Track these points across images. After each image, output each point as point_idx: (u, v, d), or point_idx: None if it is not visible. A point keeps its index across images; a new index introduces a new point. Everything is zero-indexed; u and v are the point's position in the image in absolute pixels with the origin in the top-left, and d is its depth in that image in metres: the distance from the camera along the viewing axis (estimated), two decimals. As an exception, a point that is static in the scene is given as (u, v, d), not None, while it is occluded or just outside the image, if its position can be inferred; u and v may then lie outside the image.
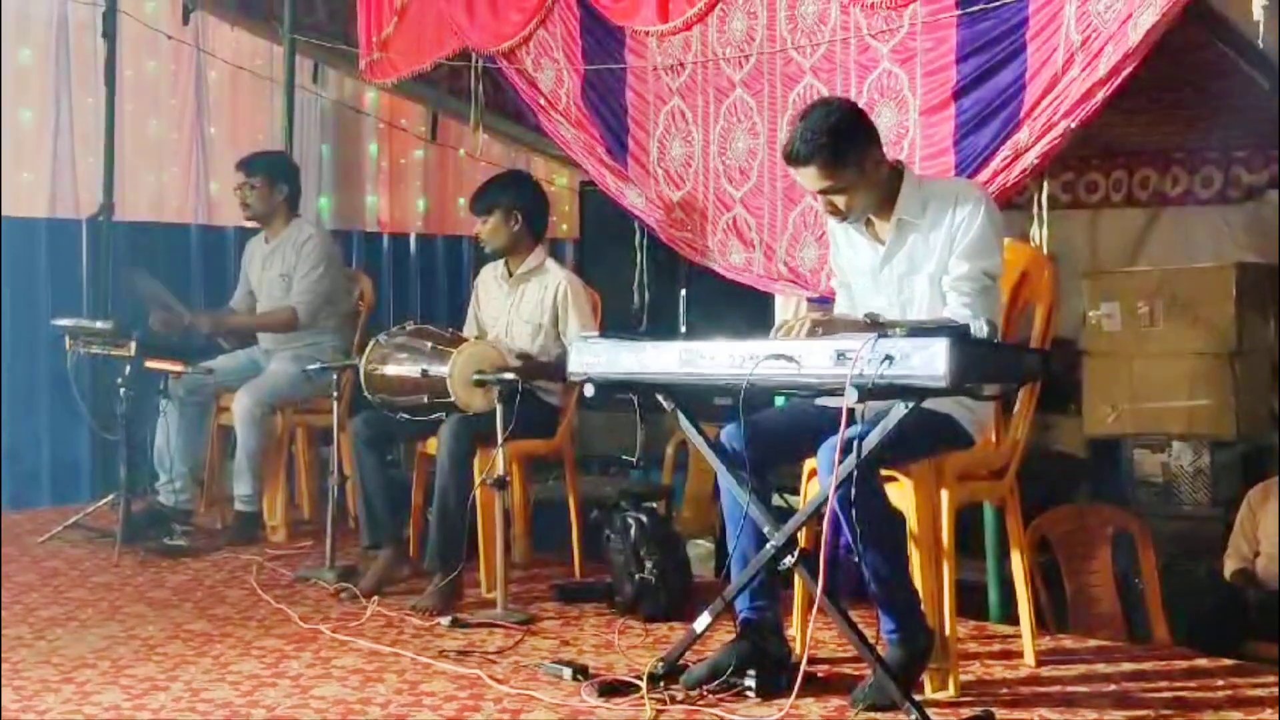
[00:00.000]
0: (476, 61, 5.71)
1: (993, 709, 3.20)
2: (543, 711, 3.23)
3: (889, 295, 3.51)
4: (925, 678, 3.29)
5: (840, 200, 3.38)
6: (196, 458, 5.53)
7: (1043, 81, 3.85)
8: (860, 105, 3.65)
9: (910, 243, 3.45)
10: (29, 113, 6.53)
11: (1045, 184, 4.47)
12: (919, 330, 2.93)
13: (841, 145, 3.32)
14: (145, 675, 3.53)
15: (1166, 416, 6.41)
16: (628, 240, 7.57)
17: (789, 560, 3.25)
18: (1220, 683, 3.47)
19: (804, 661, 3.13)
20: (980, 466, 3.56)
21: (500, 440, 4.16)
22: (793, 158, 3.34)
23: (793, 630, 3.64)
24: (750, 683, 3.27)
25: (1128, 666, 3.64)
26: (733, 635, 3.44)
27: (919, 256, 3.44)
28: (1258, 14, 3.37)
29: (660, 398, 3.48)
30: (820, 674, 3.44)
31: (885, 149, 3.49)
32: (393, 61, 6.02)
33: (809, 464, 3.47)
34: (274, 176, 5.59)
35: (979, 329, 3.24)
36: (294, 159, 6.17)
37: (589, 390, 3.49)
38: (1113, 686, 3.45)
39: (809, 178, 3.35)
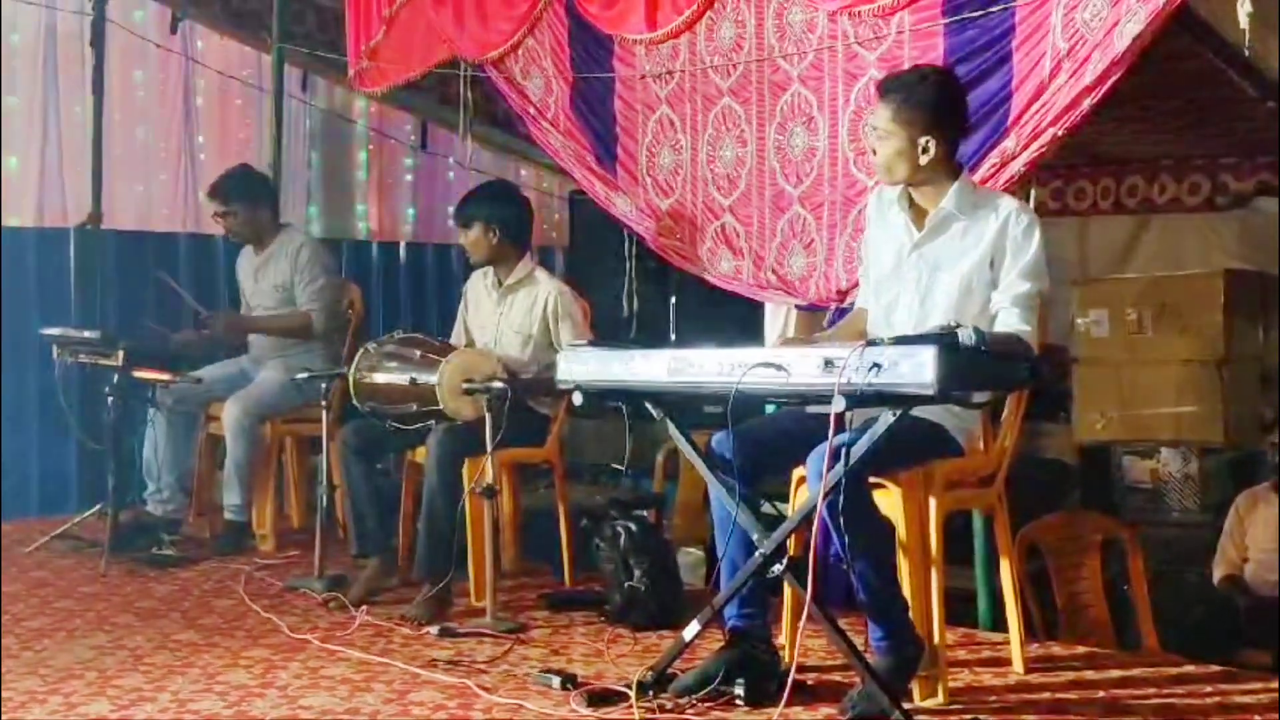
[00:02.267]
0: (465, 70, 5.70)
1: (982, 716, 3.20)
2: (532, 721, 3.23)
3: (907, 283, 3.50)
4: (914, 685, 3.28)
5: (877, 145, 3.44)
6: (185, 467, 5.51)
7: (1029, 89, 3.86)
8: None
9: (948, 235, 3.45)
10: (17, 121, 6.51)
11: (1033, 191, 4.49)
12: (907, 338, 2.93)
13: (912, 103, 3.39)
14: (132, 686, 3.52)
15: (1155, 423, 6.42)
16: (617, 248, 7.58)
17: (778, 568, 3.25)
18: (1209, 689, 3.47)
19: (793, 669, 3.12)
20: (969, 474, 3.55)
21: (490, 449, 4.15)
22: (879, 86, 3.50)
23: (782, 638, 3.63)
24: (739, 691, 3.27)
25: (1117, 673, 3.64)
26: (722, 643, 3.44)
27: (952, 253, 3.44)
28: (1244, 23, 3.38)
29: (649, 406, 3.48)
30: (809, 682, 3.43)
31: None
32: (381, 70, 6.02)
33: (798, 472, 3.47)
34: (252, 198, 5.55)
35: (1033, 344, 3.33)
36: (278, 168, 6.17)
37: (578, 399, 3.49)
38: (1102, 694, 3.45)
39: (877, 110, 3.47)
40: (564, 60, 5.27)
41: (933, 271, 3.47)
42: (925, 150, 3.40)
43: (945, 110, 3.45)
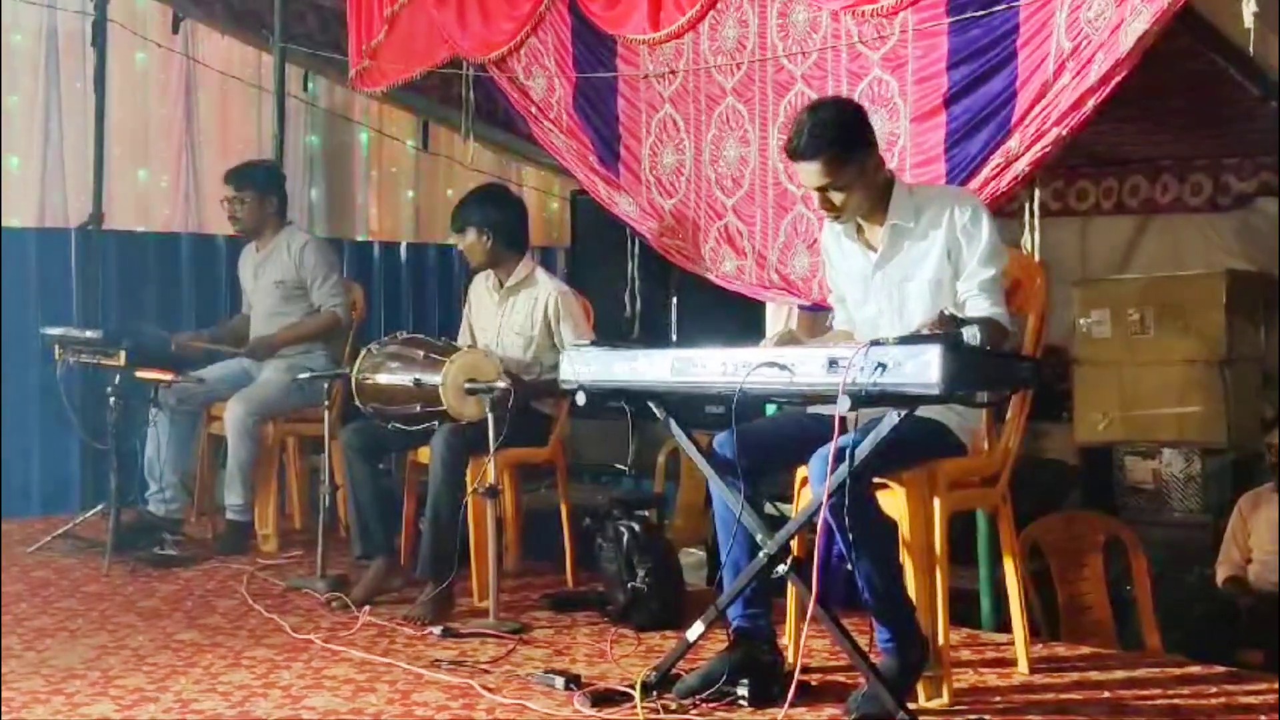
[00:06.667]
0: (467, 70, 5.70)
1: (986, 717, 3.20)
2: (535, 721, 3.23)
3: (880, 302, 3.51)
4: (919, 686, 3.28)
5: (837, 198, 3.39)
6: (187, 467, 5.51)
7: (1033, 89, 3.86)
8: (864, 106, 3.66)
9: (905, 249, 3.46)
10: (18, 121, 6.51)
11: (1036, 191, 4.48)
12: (911, 337, 2.93)
13: (846, 143, 3.35)
14: (135, 686, 3.52)
15: (1157, 424, 6.41)
16: (619, 248, 7.57)
17: (782, 569, 3.24)
18: (1214, 690, 3.47)
19: (797, 670, 3.12)
20: (972, 474, 3.55)
21: (492, 449, 4.15)
22: (797, 152, 3.35)
23: (785, 639, 3.63)
24: (743, 692, 3.27)
25: (1121, 674, 3.63)
26: (726, 644, 3.44)
27: (913, 262, 3.45)
28: (1249, 22, 3.37)
29: (652, 406, 3.48)
30: (813, 683, 3.43)
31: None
32: (382, 70, 6.01)
33: (801, 472, 3.46)
34: (263, 188, 5.58)
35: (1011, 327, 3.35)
36: (282, 168, 6.15)
37: (581, 399, 3.49)
38: (1107, 694, 3.44)
39: (810, 173, 3.36)
40: (567, 60, 5.27)
41: (900, 284, 3.48)
42: (876, 170, 3.42)
43: (867, 126, 3.46)
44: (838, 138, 3.33)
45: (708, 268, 4.92)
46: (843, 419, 2.94)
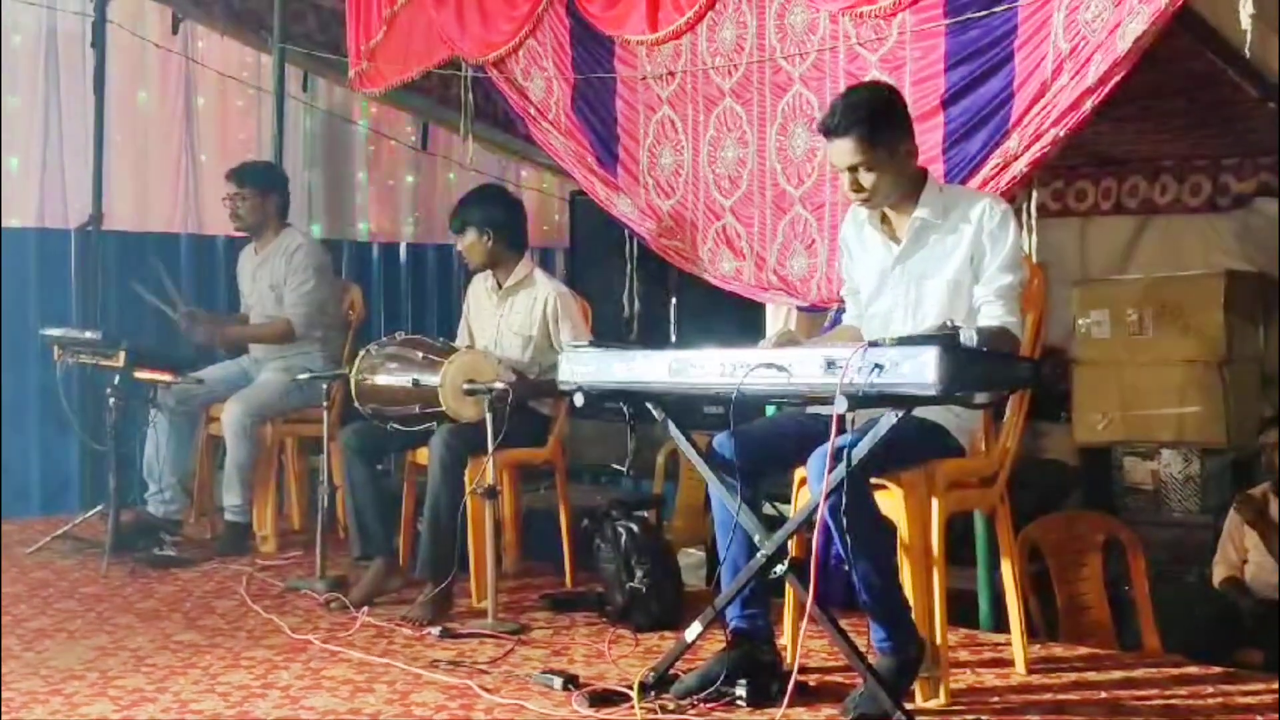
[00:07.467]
0: (466, 71, 5.70)
1: (984, 717, 3.20)
2: (533, 721, 3.23)
3: (896, 296, 3.51)
4: (916, 686, 3.28)
5: (867, 180, 3.38)
6: (186, 468, 5.51)
7: (1031, 90, 3.86)
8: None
9: (929, 244, 3.46)
10: (18, 121, 6.51)
11: (1034, 192, 4.49)
12: (908, 338, 2.93)
13: (879, 124, 3.35)
14: (134, 687, 3.52)
15: (1156, 424, 6.41)
16: (618, 249, 7.58)
17: (780, 569, 3.25)
18: (1211, 690, 3.47)
19: (795, 670, 3.12)
20: (971, 474, 3.55)
21: (490, 449, 4.15)
22: (830, 129, 3.36)
23: (784, 639, 3.63)
24: (741, 692, 3.27)
25: (1118, 674, 3.64)
26: (724, 644, 3.44)
27: (936, 259, 3.45)
28: (1245, 23, 3.38)
29: (650, 407, 3.48)
30: (811, 683, 3.43)
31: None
32: (381, 71, 6.01)
33: (799, 472, 3.47)
34: (265, 187, 5.59)
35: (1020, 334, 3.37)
36: (283, 168, 6.16)
37: (579, 400, 3.49)
38: (1104, 694, 3.44)
39: (842, 151, 3.36)
40: (565, 61, 5.27)
41: (919, 281, 3.48)
42: (908, 156, 3.42)
43: (904, 113, 3.47)
44: (870, 117, 3.34)
45: (706, 268, 4.92)
46: (841, 418, 2.94)
